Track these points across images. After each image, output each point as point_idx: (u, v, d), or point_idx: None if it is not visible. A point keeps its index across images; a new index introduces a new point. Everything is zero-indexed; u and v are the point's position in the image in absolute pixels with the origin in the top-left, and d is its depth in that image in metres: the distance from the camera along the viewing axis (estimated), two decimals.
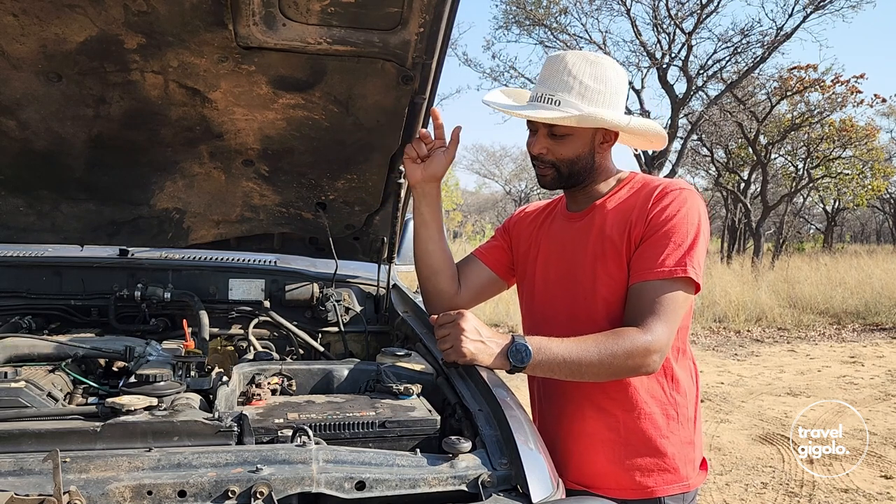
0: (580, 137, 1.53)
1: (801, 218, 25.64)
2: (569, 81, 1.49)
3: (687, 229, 1.46)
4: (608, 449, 1.55)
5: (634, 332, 1.41)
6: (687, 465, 1.57)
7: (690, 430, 1.59)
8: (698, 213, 1.49)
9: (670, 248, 1.45)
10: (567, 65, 1.50)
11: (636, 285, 1.47)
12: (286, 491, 1.00)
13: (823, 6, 14.19)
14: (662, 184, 1.55)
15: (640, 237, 1.49)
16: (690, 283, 1.45)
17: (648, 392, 1.54)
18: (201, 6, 1.32)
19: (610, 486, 1.54)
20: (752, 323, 9.97)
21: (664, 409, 1.55)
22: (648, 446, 1.53)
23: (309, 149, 1.80)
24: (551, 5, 15.88)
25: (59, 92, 1.54)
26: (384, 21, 1.39)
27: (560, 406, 1.62)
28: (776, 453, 4.56)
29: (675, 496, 1.54)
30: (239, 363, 1.61)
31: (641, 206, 1.51)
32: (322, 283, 2.24)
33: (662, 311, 1.42)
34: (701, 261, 1.47)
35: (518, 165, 36.04)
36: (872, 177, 19.35)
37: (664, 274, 1.43)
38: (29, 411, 1.19)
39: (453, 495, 1.07)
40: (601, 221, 1.57)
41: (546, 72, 1.54)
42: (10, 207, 1.94)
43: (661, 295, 1.43)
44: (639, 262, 1.48)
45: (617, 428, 1.54)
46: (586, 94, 1.49)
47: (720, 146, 19.66)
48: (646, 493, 1.53)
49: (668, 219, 1.47)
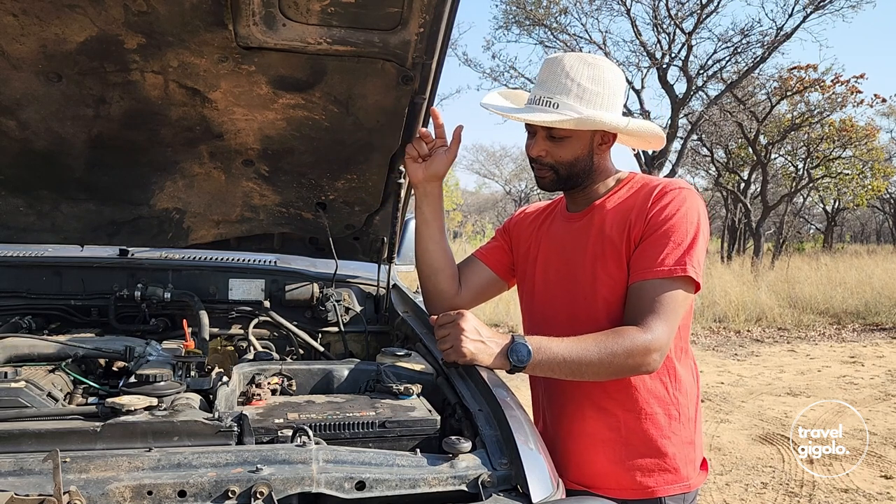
0: (579, 140, 1.53)
1: (801, 218, 25.63)
2: (567, 84, 1.49)
3: (686, 228, 1.46)
4: (609, 449, 1.55)
5: (634, 330, 1.41)
6: (688, 466, 1.57)
7: (691, 430, 1.59)
8: (697, 212, 1.49)
9: (670, 247, 1.45)
10: (565, 67, 1.50)
11: (636, 284, 1.47)
12: (286, 491, 1.00)
13: (823, 6, 14.19)
14: (662, 183, 1.55)
15: (640, 236, 1.49)
16: (690, 283, 1.45)
17: (650, 392, 1.54)
18: (201, 6, 1.32)
19: (611, 487, 1.54)
20: (752, 323, 9.97)
21: (666, 408, 1.54)
22: (649, 446, 1.53)
23: (309, 149, 1.80)
24: (551, 5, 15.88)
25: (59, 92, 1.54)
26: (384, 21, 1.39)
27: (561, 406, 1.62)
28: (776, 453, 4.56)
29: (676, 496, 1.54)
30: (239, 363, 1.61)
31: (641, 206, 1.51)
32: (322, 283, 2.24)
33: (662, 310, 1.42)
34: (701, 260, 1.47)
35: (518, 165, 36.05)
36: (872, 177, 19.34)
37: (664, 273, 1.43)
38: (29, 411, 1.19)
39: (453, 495, 1.07)
40: (600, 221, 1.57)
41: (544, 74, 1.54)
42: (10, 207, 1.94)
43: (660, 294, 1.43)
44: (638, 261, 1.48)
45: (618, 428, 1.54)
46: (584, 97, 1.49)
47: (720, 146, 19.66)
48: (646, 493, 1.53)
49: (668, 218, 1.47)
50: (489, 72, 17.45)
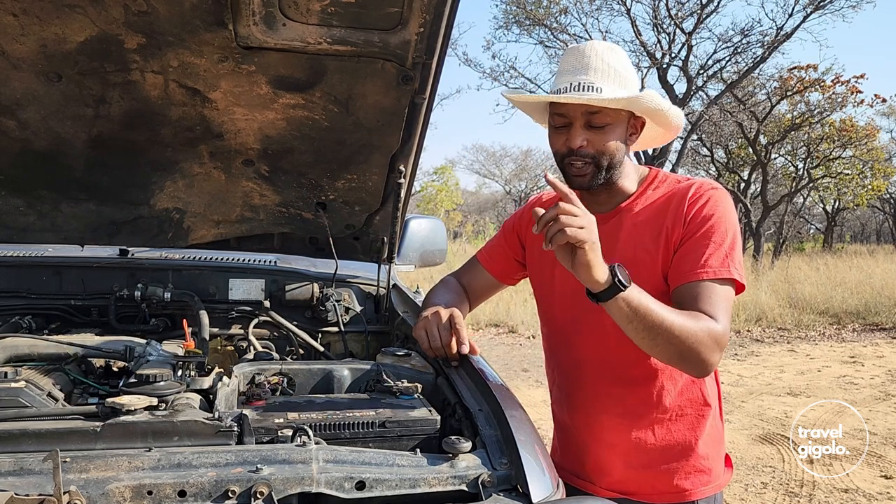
0: (619, 126, 1.47)
1: (801, 218, 25.61)
2: (603, 68, 1.44)
3: (726, 229, 1.43)
4: (643, 454, 1.52)
5: (710, 319, 1.33)
6: (718, 464, 1.56)
7: (720, 428, 1.58)
8: (733, 214, 1.47)
9: (711, 248, 1.41)
10: (598, 52, 1.46)
11: (681, 287, 1.41)
12: (286, 491, 1.00)
13: (823, 6, 14.19)
14: (695, 184, 1.50)
15: (679, 240, 1.45)
16: (734, 284, 1.41)
17: (681, 393, 1.51)
18: (201, 6, 1.32)
19: (646, 492, 1.52)
20: (752, 323, 9.97)
21: (698, 408, 1.53)
22: (685, 448, 1.51)
23: (309, 149, 1.80)
24: (551, 5, 15.88)
25: (59, 92, 1.54)
26: (384, 21, 1.39)
27: (588, 416, 1.58)
28: (776, 453, 4.56)
29: (708, 498, 1.53)
30: (239, 363, 1.61)
31: (676, 209, 1.47)
32: (322, 283, 2.24)
33: (722, 307, 1.37)
34: (741, 260, 1.44)
35: (518, 165, 36.08)
36: (872, 177, 19.34)
37: (710, 275, 1.39)
38: (29, 411, 1.19)
39: (453, 495, 1.07)
40: (630, 226, 1.51)
41: (572, 62, 1.47)
42: (10, 207, 1.94)
43: (715, 292, 1.38)
44: (681, 264, 1.43)
45: (652, 432, 1.52)
46: (619, 80, 1.45)
47: (720, 146, 19.66)
48: (683, 496, 1.51)
49: (706, 219, 1.43)
50: (489, 72, 17.47)
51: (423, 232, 2.84)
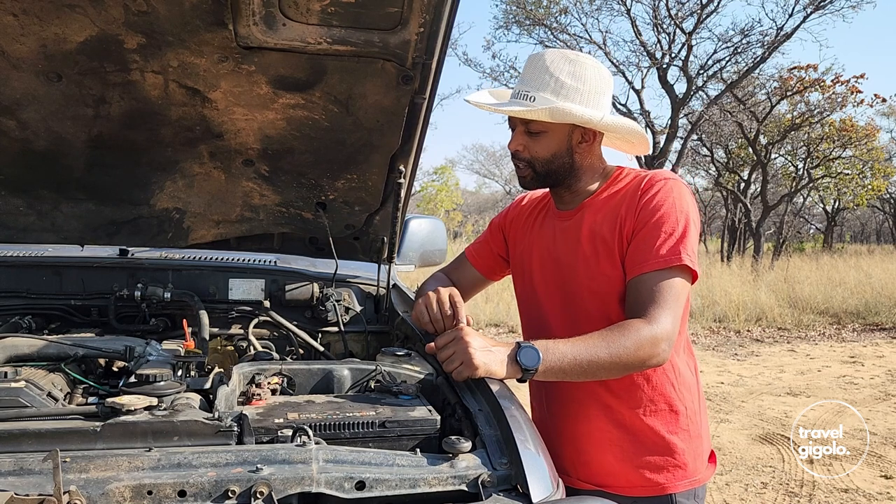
0: (555, 135, 1.53)
1: (801, 218, 25.59)
2: (545, 79, 1.49)
3: (677, 217, 1.46)
4: (617, 447, 1.54)
5: (640, 322, 1.39)
6: (696, 460, 1.57)
7: (698, 424, 1.59)
8: (686, 200, 1.49)
9: (662, 237, 1.44)
10: (545, 63, 1.51)
11: (634, 279, 1.46)
12: (286, 491, 1.00)
13: (823, 6, 14.18)
14: (648, 175, 1.54)
15: (632, 231, 1.49)
16: (687, 271, 1.45)
17: (654, 388, 1.53)
18: (201, 6, 1.32)
19: (621, 485, 1.54)
20: (752, 323, 9.97)
21: (671, 403, 1.54)
22: (658, 443, 1.53)
23: (309, 149, 1.80)
24: (551, 5, 15.88)
25: (59, 92, 1.54)
26: (384, 21, 1.39)
27: (566, 407, 1.61)
28: (776, 453, 4.56)
29: (687, 492, 1.54)
30: (239, 363, 1.61)
31: (630, 200, 1.51)
32: (322, 283, 2.24)
33: (663, 300, 1.40)
34: (694, 248, 1.46)
35: None
36: (872, 177, 19.32)
37: (660, 264, 1.43)
38: (29, 411, 1.19)
39: (453, 495, 1.07)
40: (591, 220, 1.56)
41: (525, 70, 1.54)
42: (10, 207, 1.94)
43: (659, 284, 1.42)
44: (634, 255, 1.47)
45: (625, 426, 1.54)
46: (561, 92, 1.48)
47: (720, 146, 19.65)
48: (657, 490, 1.52)
49: (657, 209, 1.47)
50: (489, 72, 17.48)
51: (423, 232, 2.85)
